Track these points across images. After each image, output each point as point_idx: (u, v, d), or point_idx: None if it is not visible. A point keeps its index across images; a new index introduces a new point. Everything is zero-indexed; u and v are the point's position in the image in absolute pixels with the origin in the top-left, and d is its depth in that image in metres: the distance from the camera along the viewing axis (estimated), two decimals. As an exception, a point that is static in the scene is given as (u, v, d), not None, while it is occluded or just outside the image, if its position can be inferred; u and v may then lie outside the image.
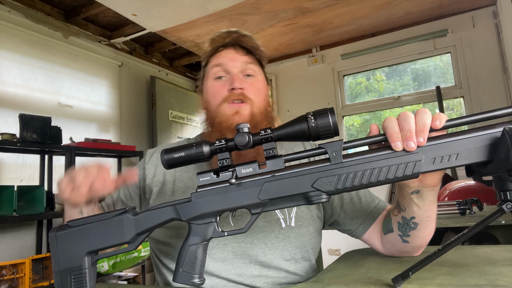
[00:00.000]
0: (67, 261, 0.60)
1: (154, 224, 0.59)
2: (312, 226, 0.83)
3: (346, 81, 3.91)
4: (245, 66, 0.85)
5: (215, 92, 0.84)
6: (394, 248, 0.76)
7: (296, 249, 0.80)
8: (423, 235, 0.70)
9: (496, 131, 0.48)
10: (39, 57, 2.74)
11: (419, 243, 0.72)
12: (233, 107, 0.80)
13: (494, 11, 3.18)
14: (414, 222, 0.68)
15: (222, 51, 0.87)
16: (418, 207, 0.65)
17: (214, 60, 0.86)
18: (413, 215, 0.67)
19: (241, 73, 0.84)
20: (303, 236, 0.81)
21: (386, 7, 3.12)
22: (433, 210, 0.67)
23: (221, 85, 0.84)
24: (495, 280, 0.54)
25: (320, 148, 0.54)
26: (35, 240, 2.48)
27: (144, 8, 2.73)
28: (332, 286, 0.59)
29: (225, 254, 0.77)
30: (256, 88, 0.85)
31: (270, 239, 0.78)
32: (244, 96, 0.81)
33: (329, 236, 0.90)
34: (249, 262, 0.77)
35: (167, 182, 0.87)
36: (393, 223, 0.73)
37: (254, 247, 0.77)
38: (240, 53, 0.86)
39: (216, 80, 0.85)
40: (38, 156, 2.57)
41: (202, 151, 0.56)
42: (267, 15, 3.06)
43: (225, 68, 0.84)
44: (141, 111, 3.67)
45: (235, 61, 0.84)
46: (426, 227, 0.69)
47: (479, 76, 3.21)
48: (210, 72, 0.86)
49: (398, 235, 0.72)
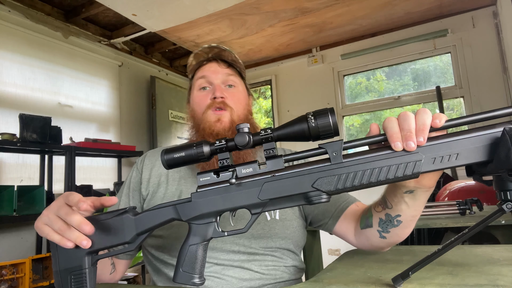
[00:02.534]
0: (67, 261, 0.60)
1: (154, 224, 0.59)
2: (295, 221, 0.89)
3: (346, 81, 3.91)
4: (226, 77, 0.93)
5: (200, 101, 0.92)
6: (368, 242, 0.79)
7: (281, 240, 0.85)
8: (403, 233, 0.72)
9: (496, 131, 0.48)
10: (39, 57, 2.74)
11: (395, 240, 0.74)
12: (215, 114, 0.88)
13: (494, 11, 3.19)
14: (398, 220, 0.70)
15: (205, 64, 0.96)
16: (407, 206, 0.66)
17: (199, 73, 0.95)
18: (400, 213, 0.69)
19: (222, 84, 0.93)
20: (287, 228, 0.86)
21: (386, 7, 3.12)
22: (419, 211, 0.68)
23: (205, 95, 0.92)
24: (495, 280, 0.54)
25: (320, 148, 0.54)
26: (35, 240, 2.48)
27: (144, 8, 2.73)
28: (332, 286, 0.59)
29: (213, 243, 0.81)
30: (236, 97, 0.92)
31: (256, 231, 0.84)
32: (224, 104, 0.89)
33: (329, 236, 0.91)
34: (238, 252, 0.82)
35: (162, 182, 0.92)
36: (374, 218, 0.75)
37: (241, 237, 0.82)
38: (222, 66, 0.94)
39: (201, 91, 0.93)
40: (38, 156, 2.57)
41: (202, 151, 0.56)
42: (267, 15, 3.06)
43: (208, 79, 0.93)
44: (141, 111, 3.67)
45: (217, 73, 0.93)
46: (408, 226, 0.71)
47: (479, 76, 3.21)
48: (196, 83, 0.95)
49: (377, 230, 0.74)
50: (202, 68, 0.96)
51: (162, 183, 0.91)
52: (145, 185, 0.92)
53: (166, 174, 0.93)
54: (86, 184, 2.75)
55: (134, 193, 0.92)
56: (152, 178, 0.92)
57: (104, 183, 3.10)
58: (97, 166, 3.08)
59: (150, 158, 0.97)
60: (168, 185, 0.90)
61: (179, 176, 0.92)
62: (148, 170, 0.94)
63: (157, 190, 0.90)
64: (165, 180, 0.91)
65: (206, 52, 0.96)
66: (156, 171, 0.93)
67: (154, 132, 3.62)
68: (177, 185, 0.90)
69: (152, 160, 0.96)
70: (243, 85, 0.98)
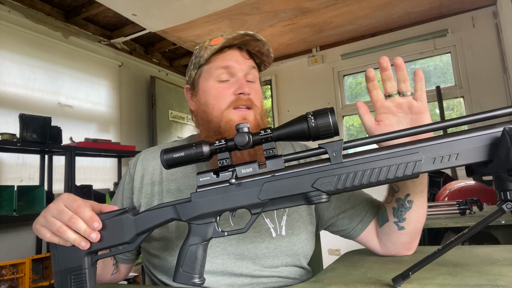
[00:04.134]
0: (66, 261, 0.60)
1: (154, 224, 0.59)
2: (303, 233, 0.81)
3: (346, 81, 3.91)
4: (249, 70, 0.82)
5: (219, 95, 0.79)
6: (390, 240, 0.76)
7: (288, 258, 0.78)
8: (418, 216, 0.72)
9: (496, 131, 0.48)
10: (39, 57, 2.74)
11: (413, 228, 0.73)
12: (239, 113, 0.77)
13: (494, 11, 3.18)
14: (409, 200, 0.71)
15: (226, 52, 0.82)
16: (412, 182, 0.68)
17: (220, 61, 0.81)
18: (408, 191, 0.70)
19: (244, 77, 0.81)
20: (294, 244, 0.78)
21: (386, 7, 3.12)
22: (424, 184, 0.70)
23: (226, 88, 0.79)
24: (495, 280, 0.54)
25: (320, 148, 0.54)
26: (35, 240, 2.48)
27: (144, 8, 2.73)
28: (332, 286, 0.59)
29: (215, 266, 0.74)
30: (258, 94, 0.83)
31: (260, 250, 0.76)
32: (251, 102, 0.79)
33: (329, 236, 0.90)
34: (240, 275, 0.75)
35: (155, 193, 0.84)
36: (388, 211, 0.75)
37: (244, 259, 0.75)
38: (245, 56, 0.83)
39: (220, 83, 0.80)
40: (38, 156, 2.57)
41: (202, 151, 0.56)
42: (267, 15, 3.06)
43: (231, 71, 0.80)
44: (141, 111, 3.67)
45: (242, 65, 0.81)
46: (420, 205, 0.71)
47: (479, 76, 3.21)
48: (214, 73, 0.81)
49: (393, 222, 0.74)
50: (222, 56, 0.81)
51: (155, 194, 0.82)
52: (136, 194, 0.84)
53: (159, 181, 0.83)
54: (86, 184, 2.75)
55: (127, 200, 0.86)
56: (144, 188, 0.84)
57: (104, 183, 3.10)
58: (97, 166, 3.08)
59: (142, 162, 0.87)
60: (163, 197, 0.82)
61: (175, 187, 0.82)
62: (140, 178, 0.85)
63: (151, 203, 0.82)
64: (159, 190, 0.82)
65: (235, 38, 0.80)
66: (148, 179, 0.84)
67: (154, 132, 3.62)
68: (174, 198, 0.81)
69: (144, 165, 0.86)
70: (259, 80, 0.87)
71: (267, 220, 0.79)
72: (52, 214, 0.59)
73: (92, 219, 0.58)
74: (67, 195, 0.61)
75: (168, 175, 0.84)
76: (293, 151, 0.91)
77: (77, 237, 0.57)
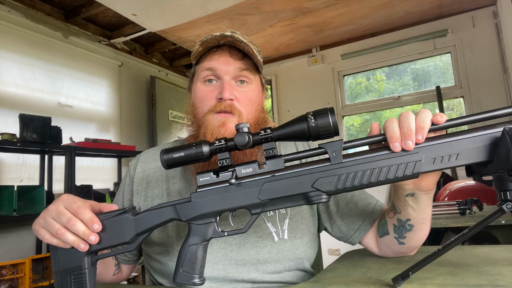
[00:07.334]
0: (66, 261, 0.60)
1: (154, 224, 0.59)
2: (306, 236, 0.80)
3: (346, 81, 3.91)
4: (238, 72, 0.78)
5: (203, 98, 0.78)
6: (390, 250, 0.75)
7: (291, 262, 0.76)
8: (419, 236, 0.70)
9: (496, 131, 0.48)
10: (39, 57, 2.73)
11: (415, 244, 0.72)
12: (220, 117, 0.74)
13: (494, 11, 3.18)
14: (409, 224, 0.68)
15: (215, 52, 0.79)
16: (413, 209, 0.65)
17: (206, 62, 0.79)
18: (409, 217, 0.67)
19: (233, 79, 0.78)
20: (297, 248, 0.77)
21: (386, 7, 3.12)
22: (427, 213, 0.67)
23: (210, 91, 0.77)
24: (495, 280, 0.54)
25: (320, 148, 0.54)
26: (35, 240, 2.47)
27: (144, 8, 2.73)
28: (332, 286, 0.59)
29: (216, 272, 0.73)
30: (247, 98, 0.78)
31: (262, 255, 0.74)
32: (233, 108, 0.75)
33: (329, 236, 0.89)
34: (241, 281, 0.74)
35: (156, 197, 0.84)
36: (389, 225, 0.73)
37: (245, 264, 0.74)
38: (235, 57, 0.78)
39: (206, 84, 0.79)
40: (38, 156, 2.57)
41: (202, 151, 0.56)
42: (267, 15, 3.06)
43: (216, 73, 0.77)
44: (141, 111, 3.67)
45: (229, 65, 0.77)
46: (422, 229, 0.69)
47: (479, 76, 3.21)
48: (201, 74, 0.79)
49: (394, 237, 0.72)
50: (210, 56, 0.79)
51: (156, 196, 0.83)
52: (137, 196, 0.85)
53: (159, 183, 0.83)
54: (86, 184, 2.75)
55: (128, 202, 0.87)
56: (144, 189, 0.85)
57: (104, 183, 3.10)
58: (97, 166, 3.08)
59: (142, 163, 0.88)
60: (163, 198, 0.82)
61: (176, 188, 0.82)
62: (140, 179, 0.86)
63: (151, 204, 0.81)
64: (160, 191, 0.83)
65: (217, 40, 0.77)
66: (148, 180, 0.85)
67: (154, 132, 3.62)
68: (174, 198, 0.81)
69: (144, 167, 0.87)
70: (258, 81, 0.83)
71: (269, 224, 0.78)
72: (51, 216, 0.59)
73: (92, 220, 0.57)
74: (67, 196, 0.61)
75: (168, 176, 0.84)
76: (296, 150, 0.90)
77: (76, 239, 0.57)
